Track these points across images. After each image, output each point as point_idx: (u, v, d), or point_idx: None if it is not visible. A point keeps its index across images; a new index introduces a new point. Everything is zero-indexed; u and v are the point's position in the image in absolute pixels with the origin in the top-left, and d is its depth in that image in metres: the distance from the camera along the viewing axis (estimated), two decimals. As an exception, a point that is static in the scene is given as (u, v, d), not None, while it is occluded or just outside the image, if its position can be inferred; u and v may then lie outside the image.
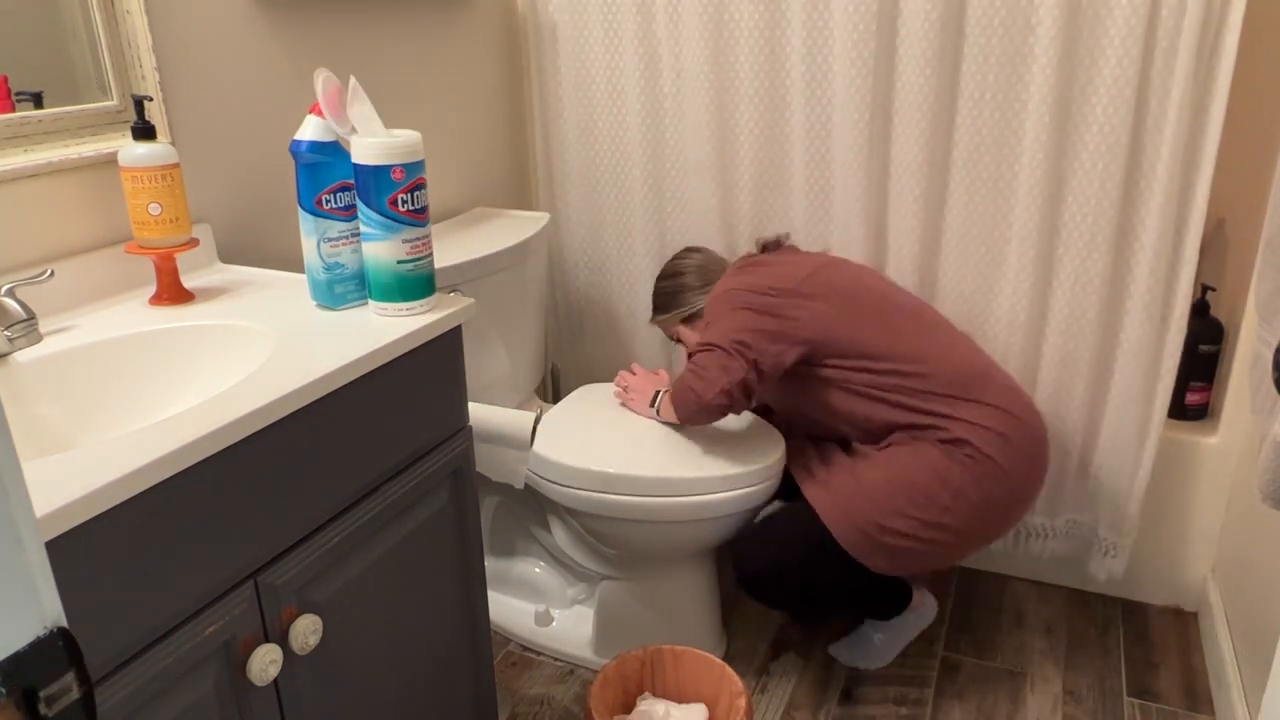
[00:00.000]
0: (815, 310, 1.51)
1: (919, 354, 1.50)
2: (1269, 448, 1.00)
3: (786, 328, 1.50)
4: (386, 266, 1.08)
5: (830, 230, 1.82)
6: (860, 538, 1.47)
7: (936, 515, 1.45)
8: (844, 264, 1.61)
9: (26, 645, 0.38)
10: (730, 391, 1.49)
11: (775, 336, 1.50)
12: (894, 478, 1.48)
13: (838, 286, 1.54)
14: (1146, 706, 1.63)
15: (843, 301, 1.52)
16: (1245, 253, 1.79)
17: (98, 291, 1.16)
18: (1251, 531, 1.60)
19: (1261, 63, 1.70)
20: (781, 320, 1.51)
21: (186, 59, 1.26)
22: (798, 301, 1.51)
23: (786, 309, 1.51)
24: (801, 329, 1.50)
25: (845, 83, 1.69)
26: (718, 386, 1.49)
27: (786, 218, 1.85)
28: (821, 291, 1.52)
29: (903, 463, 1.48)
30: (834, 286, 1.53)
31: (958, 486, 1.45)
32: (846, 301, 1.52)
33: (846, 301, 1.52)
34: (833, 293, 1.52)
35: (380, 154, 1.04)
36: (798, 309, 1.51)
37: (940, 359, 1.50)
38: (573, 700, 1.67)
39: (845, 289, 1.54)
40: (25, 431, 0.94)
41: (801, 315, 1.50)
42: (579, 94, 1.95)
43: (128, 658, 0.77)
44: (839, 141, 1.73)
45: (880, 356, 1.50)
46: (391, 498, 1.06)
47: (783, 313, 1.51)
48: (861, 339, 1.50)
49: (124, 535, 0.75)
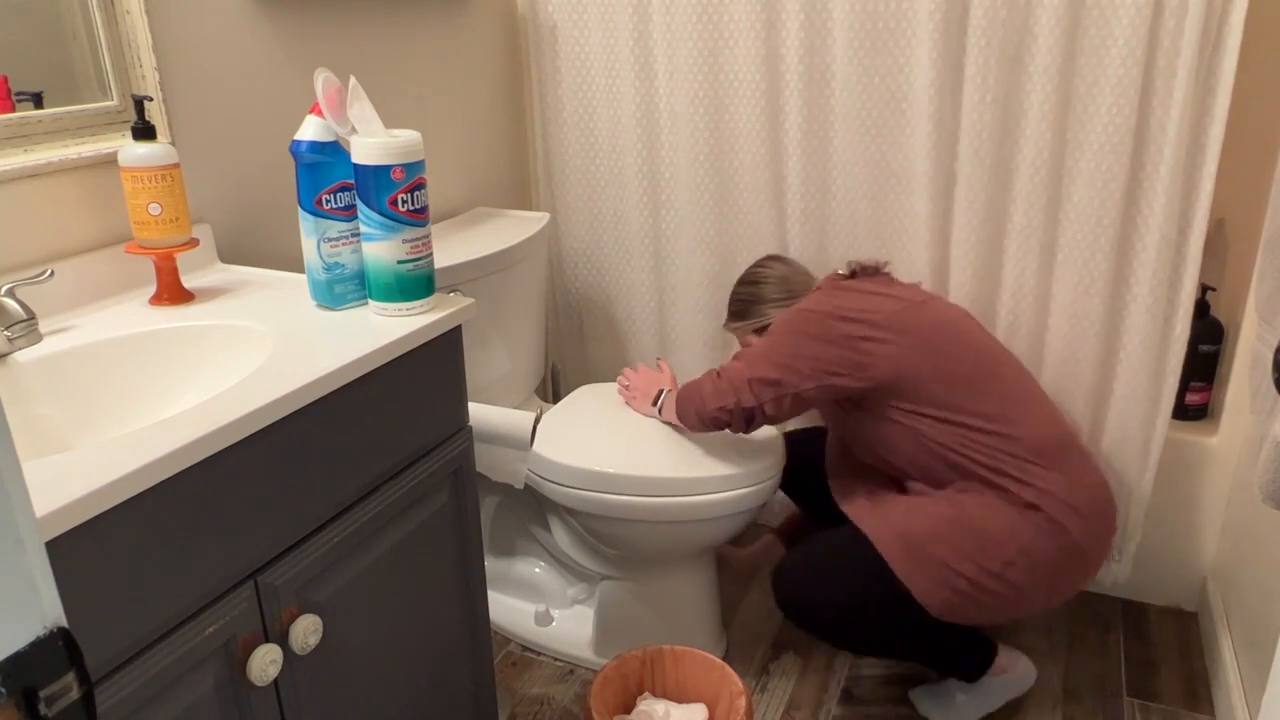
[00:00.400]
0: (894, 351, 1.41)
1: (1006, 415, 1.41)
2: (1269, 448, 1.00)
3: (857, 361, 1.42)
4: (387, 266, 1.08)
5: (827, 232, 1.82)
6: (917, 570, 1.40)
7: (1000, 567, 1.38)
8: (938, 305, 1.51)
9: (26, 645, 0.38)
10: (732, 412, 1.46)
11: (839, 367, 1.42)
12: (961, 519, 1.40)
13: (926, 329, 1.44)
14: (1146, 706, 1.63)
15: (928, 346, 1.42)
16: (1245, 253, 1.79)
17: (98, 291, 1.16)
18: (1251, 531, 1.60)
19: (1262, 63, 1.70)
20: (854, 353, 1.42)
21: (186, 59, 1.26)
22: (880, 336, 1.42)
23: (862, 344, 1.42)
24: (873, 367, 1.42)
25: (843, 84, 1.69)
26: (722, 403, 1.47)
27: (781, 221, 1.85)
28: (907, 331, 1.43)
29: (970, 509, 1.41)
30: (922, 328, 1.44)
31: (1026, 545, 1.38)
32: (932, 347, 1.43)
33: (932, 347, 1.43)
34: (919, 335, 1.43)
35: (380, 154, 1.04)
36: (875, 346, 1.42)
37: (1028, 423, 1.42)
38: (573, 700, 1.67)
39: (934, 333, 1.44)
40: (25, 431, 0.94)
41: (878, 353, 1.41)
42: (577, 94, 1.95)
43: (128, 658, 0.77)
44: (836, 143, 1.73)
45: (961, 410, 1.41)
46: (391, 498, 1.06)
47: (858, 346, 1.42)
48: (942, 390, 1.41)
49: (124, 535, 0.75)
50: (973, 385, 1.42)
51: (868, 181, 1.74)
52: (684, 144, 1.86)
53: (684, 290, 1.97)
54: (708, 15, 1.76)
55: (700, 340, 2.00)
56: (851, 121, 1.71)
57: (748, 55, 1.75)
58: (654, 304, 2.03)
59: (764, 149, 1.81)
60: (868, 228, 1.78)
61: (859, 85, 1.68)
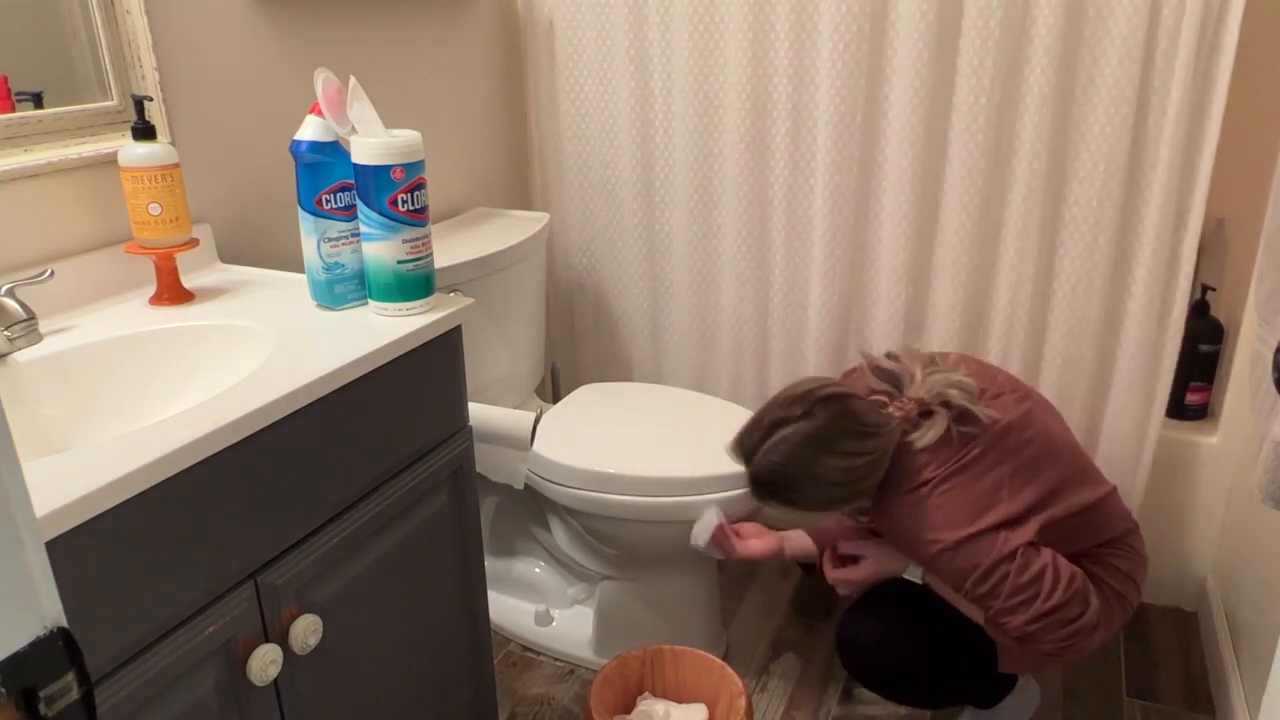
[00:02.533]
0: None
1: (1082, 498, 1.31)
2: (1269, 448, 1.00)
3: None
4: (386, 266, 1.08)
5: (814, 237, 1.81)
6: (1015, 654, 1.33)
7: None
8: (1028, 415, 1.31)
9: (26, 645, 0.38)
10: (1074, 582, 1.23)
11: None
12: None
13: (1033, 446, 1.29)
14: (1146, 706, 1.63)
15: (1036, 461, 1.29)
16: (1245, 253, 1.79)
17: (98, 291, 1.16)
18: (1251, 531, 1.60)
19: (1261, 63, 1.70)
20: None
21: (186, 59, 1.26)
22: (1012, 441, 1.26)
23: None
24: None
25: (834, 85, 1.68)
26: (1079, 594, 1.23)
27: (769, 223, 1.85)
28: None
29: None
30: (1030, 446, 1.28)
31: (1102, 619, 1.28)
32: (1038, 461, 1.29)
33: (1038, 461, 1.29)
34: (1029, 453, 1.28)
35: (380, 154, 1.04)
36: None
37: (1099, 504, 1.33)
38: (573, 700, 1.67)
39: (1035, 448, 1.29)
40: (25, 431, 0.94)
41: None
42: (574, 94, 1.95)
43: (128, 658, 0.77)
44: (826, 145, 1.73)
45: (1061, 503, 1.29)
46: (391, 498, 1.06)
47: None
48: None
49: (124, 535, 0.75)
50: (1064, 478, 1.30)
51: (859, 183, 1.74)
52: (679, 145, 1.86)
53: (678, 291, 1.98)
54: (701, 17, 1.76)
55: (693, 341, 2.00)
56: (843, 122, 1.70)
57: (739, 57, 1.75)
58: (648, 305, 2.03)
59: (753, 151, 1.80)
60: (859, 229, 1.78)
61: (851, 85, 1.68)
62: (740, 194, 1.84)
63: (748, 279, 1.89)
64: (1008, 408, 1.29)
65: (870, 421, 1.24)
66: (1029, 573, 1.20)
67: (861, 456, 1.23)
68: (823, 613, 1.89)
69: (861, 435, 1.23)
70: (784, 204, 1.81)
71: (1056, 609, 1.20)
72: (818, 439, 1.22)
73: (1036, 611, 1.20)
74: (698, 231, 1.91)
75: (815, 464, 1.22)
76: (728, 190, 1.86)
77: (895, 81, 1.66)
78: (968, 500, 1.22)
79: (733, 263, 1.89)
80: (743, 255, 1.88)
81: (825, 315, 1.83)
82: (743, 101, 1.77)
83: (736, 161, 1.82)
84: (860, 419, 1.24)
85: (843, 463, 1.22)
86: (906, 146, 1.67)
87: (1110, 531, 1.35)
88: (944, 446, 1.24)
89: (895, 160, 1.70)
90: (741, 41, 1.73)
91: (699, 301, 1.97)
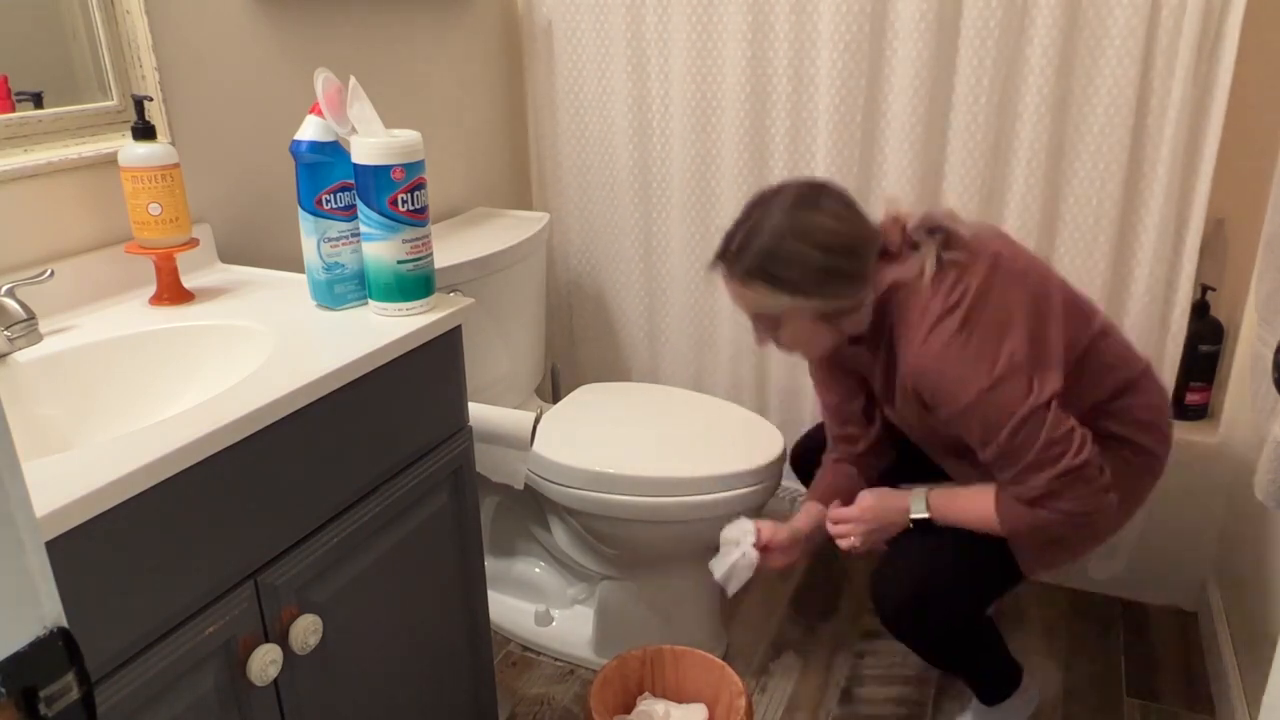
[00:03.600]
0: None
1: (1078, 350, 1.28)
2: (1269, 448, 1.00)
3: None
4: (387, 266, 1.08)
5: None
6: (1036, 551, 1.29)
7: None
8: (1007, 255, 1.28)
9: (26, 645, 0.38)
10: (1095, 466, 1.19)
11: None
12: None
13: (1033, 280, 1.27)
14: (1146, 706, 1.63)
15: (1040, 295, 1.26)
16: (1245, 253, 1.79)
17: (98, 291, 1.16)
18: (1251, 531, 1.60)
19: (1261, 63, 1.70)
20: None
21: (186, 59, 1.26)
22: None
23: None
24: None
25: (833, 86, 1.68)
26: (1096, 476, 1.19)
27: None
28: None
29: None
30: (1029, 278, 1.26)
31: (1121, 485, 1.25)
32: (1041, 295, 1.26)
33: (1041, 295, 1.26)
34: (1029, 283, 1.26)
35: (380, 154, 1.04)
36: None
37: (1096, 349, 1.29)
38: (573, 700, 1.67)
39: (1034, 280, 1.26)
40: (25, 431, 0.94)
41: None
42: (572, 95, 1.95)
43: (128, 658, 0.77)
44: (826, 145, 1.73)
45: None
46: (391, 498, 1.06)
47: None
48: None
49: (124, 535, 0.75)
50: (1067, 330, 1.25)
51: (857, 183, 1.74)
52: (678, 144, 1.87)
53: (677, 291, 1.98)
54: (700, 17, 1.76)
55: (692, 341, 2.00)
56: (843, 122, 1.70)
57: (738, 57, 1.75)
58: (647, 305, 2.03)
59: (752, 151, 1.80)
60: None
61: (851, 85, 1.68)
62: (740, 194, 1.84)
63: (747, 279, 1.89)
64: (986, 240, 1.27)
65: (852, 200, 1.24)
66: (1062, 427, 1.17)
67: (848, 223, 1.21)
68: (823, 613, 1.90)
69: (847, 202, 1.23)
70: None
71: (1083, 466, 1.17)
72: (801, 200, 1.21)
73: (1066, 467, 1.17)
74: (697, 231, 1.91)
75: (802, 221, 1.19)
76: (727, 190, 1.86)
77: (895, 81, 1.66)
78: (990, 334, 1.18)
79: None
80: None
81: (825, 315, 1.83)
82: (742, 102, 1.77)
83: (736, 161, 1.82)
84: (844, 194, 1.24)
85: (831, 223, 1.20)
86: (906, 146, 1.67)
87: (1128, 370, 1.30)
88: (944, 278, 1.22)
89: (895, 160, 1.70)
90: (741, 42, 1.73)
91: (698, 301, 1.97)
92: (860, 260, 1.22)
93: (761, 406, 1.99)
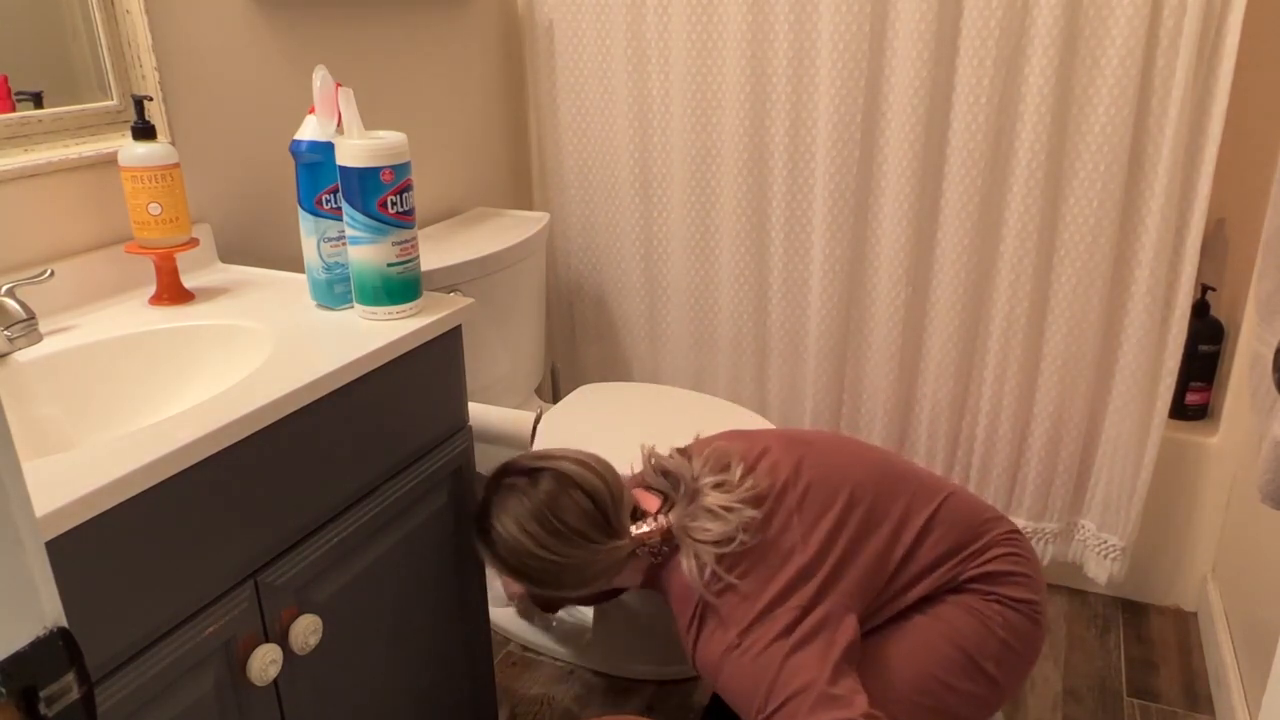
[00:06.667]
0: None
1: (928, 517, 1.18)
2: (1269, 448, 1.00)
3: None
4: (375, 270, 1.07)
5: (813, 238, 1.81)
6: (924, 708, 1.14)
7: (990, 667, 1.16)
8: (813, 450, 1.19)
9: (26, 645, 0.38)
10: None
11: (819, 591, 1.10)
12: (940, 632, 1.15)
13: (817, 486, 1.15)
14: (1146, 706, 1.63)
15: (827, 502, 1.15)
16: (1245, 253, 1.79)
17: (97, 291, 1.16)
18: (1251, 531, 1.60)
19: (1262, 63, 1.70)
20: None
21: (186, 59, 1.26)
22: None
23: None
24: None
25: (834, 86, 1.68)
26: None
27: (769, 223, 1.85)
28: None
29: (941, 617, 1.17)
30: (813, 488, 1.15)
31: (1000, 630, 1.17)
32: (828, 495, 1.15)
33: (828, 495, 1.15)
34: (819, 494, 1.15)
35: (369, 156, 1.03)
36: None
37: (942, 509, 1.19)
38: (573, 700, 1.67)
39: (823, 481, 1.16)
40: (25, 431, 0.94)
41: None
42: (573, 95, 1.95)
43: (128, 658, 0.77)
44: (826, 145, 1.72)
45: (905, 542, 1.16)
46: (391, 497, 1.06)
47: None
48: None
49: (124, 535, 0.75)
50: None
51: (859, 183, 1.74)
52: (678, 144, 1.86)
53: (675, 293, 1.98)
54: (700, 17, 1.76)
55: (692, 341, 2.00)
56: (843, 122, 1.70)
57: (738, 57, 1.75)
58: (647, 304, 2.03)
59: (752, 150, 1.80)
60: (859, 229, 1.78)
61: (851, 86, 1.68)
62: (740, 193, 1.84)
63: (747, 279, 1.90)
64: (777, 465, 1.17)
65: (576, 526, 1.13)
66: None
67: (559, 554, 1.12)
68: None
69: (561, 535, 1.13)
70: (784, 203, 1.81)
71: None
72: (533, 513, 1.13)
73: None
74: (697, 231, 1.91)
75: (532, 535, 1.12)
76: (727, 189, 1.86)
77: (895, 81, 1.66)
78: (759, 639, 1.07)
79: (732, 262, 1.89)
80: (742, 255, 1.88)
81: (825, 315, 1.83)
82: (743, 101, 1.77)
83: (736, 161, 1.82)
84: (564, 517, 1.13)
85: (537, 549, 1.12)
86: (906, 146, 1.67)
87: (970, 542, 1.19)
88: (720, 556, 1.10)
89: (895, 160, 1.70)
90: (741, 42, 1.73)
91: (698, 301, 1.97)
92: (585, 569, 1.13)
93: (761, 406, 1.99)
